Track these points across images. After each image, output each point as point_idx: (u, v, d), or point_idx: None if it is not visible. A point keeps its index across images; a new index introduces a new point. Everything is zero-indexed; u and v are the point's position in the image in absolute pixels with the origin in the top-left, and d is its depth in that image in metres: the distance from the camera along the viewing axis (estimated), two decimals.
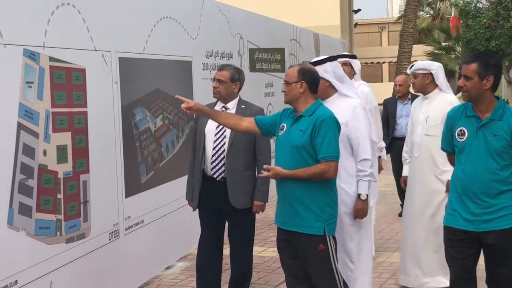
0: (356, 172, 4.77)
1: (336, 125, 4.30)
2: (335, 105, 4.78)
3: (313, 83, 4.39)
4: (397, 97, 8.54)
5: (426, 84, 5.79)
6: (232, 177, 5.08)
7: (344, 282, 4.41)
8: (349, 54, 7.09)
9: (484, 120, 4.05)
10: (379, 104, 6.00)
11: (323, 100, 4.74)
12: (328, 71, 4.87)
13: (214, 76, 5.33)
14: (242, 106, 5.26)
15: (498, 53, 19.54)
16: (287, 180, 4.27)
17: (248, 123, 4.63)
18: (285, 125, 4.41)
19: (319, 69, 4.75)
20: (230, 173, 5.08)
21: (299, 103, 4.38)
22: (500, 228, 4.00)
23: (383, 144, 6.99)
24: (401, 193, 8.37)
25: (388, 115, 8.49)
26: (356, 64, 6.92)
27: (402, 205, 8.41)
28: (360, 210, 4.74)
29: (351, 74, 6.81)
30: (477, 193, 4.04)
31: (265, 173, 4.32)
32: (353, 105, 4.82)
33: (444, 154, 4.81)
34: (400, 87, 8.44)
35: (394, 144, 8.33)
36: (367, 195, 4.74)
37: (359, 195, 4.74)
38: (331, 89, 4.91)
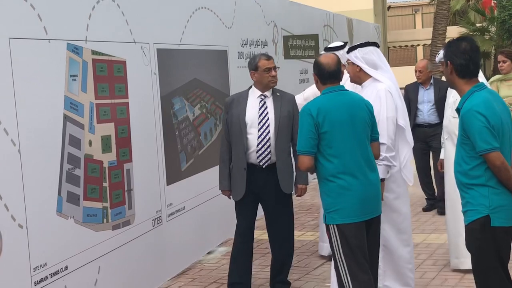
0: None
1: (304, 118, 4.21)
2: (367, 90, 4.93)
3: (320, 75, 4.39)
4: (419, 82, 8.14)
5: None
6: (280, 163, 5.25)
7: (348, 277, 4.21)
8: (336, 46, 6.39)
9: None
10: (400, 88, 5.66)
11: (360, 85, 4.88)
12: (358, 57, 4.95)
13: (268, 66, 5.29)
14: (277, 94, 5.39)
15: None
16: None
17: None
18: None
19: (351, 55, 4.97)
20: (279, 159, 5.24)
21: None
22: (465, 222, 3.85)
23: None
24: (424, 184, 8.22)
25: (410, 101, 8.06)
26: (342, 54, 6.01)
27: (427, 199, 8.27)
28: None
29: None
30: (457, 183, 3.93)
31: None
32: (378, 89, 4.88)
33: None
34: (420, 73, 7.99)
35: (416, 131, 7.77)
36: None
37: None
38: (364, 74, 4.97)
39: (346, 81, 5.23)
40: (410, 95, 8.16)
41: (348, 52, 5.03)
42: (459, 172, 3.81)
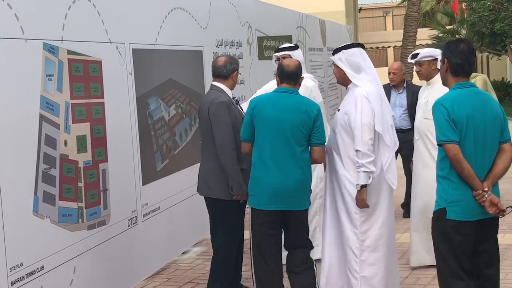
0: None
1: (248, 108, 4.91)
2: (348, 94, 5.01)
3: (279, 75, 4.95)
4: (391, 85, 7.97)
5: (432, 71, 5.95)
6: None
7: (253, 257, 4.86)
8: (289, 46, 6.38)
9: None
10: None
11: (346, 87, 5.03)
12: (342, 60, 4.98)
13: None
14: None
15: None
16: None
17: None
18: None
19: (335, 57, 5.00)
20: None
21: None
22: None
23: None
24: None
25: None
26: (297, 55, 6.16)
27: (403, 205, 8.19)
28: (357, 200, 4.84)
29: None
30: None
31: None
32: (355, 94, 4.90)
33: None
34: (394, 75, 7.87)
35: None
36: (366, 186, 4.79)
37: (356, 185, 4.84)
38: (347, 78, 5.00)
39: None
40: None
41: (333, 54, 5.06)
42: (436, 163, 4.11)
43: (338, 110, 5.04)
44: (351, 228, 4.96)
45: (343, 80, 5.05)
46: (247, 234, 5.97)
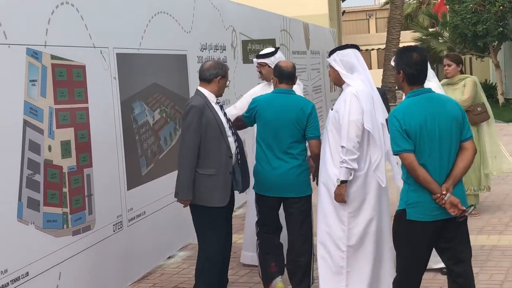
0: None
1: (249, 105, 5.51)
2: (342, 93, 5.11)
3: (278, 76, 5.45)
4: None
5: None
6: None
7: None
8: (266, 53, 6.34)
9: None
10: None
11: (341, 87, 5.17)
12: (336, 60, 5.09)
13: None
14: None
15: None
16: None
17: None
18: None
19: (330, 59, 5.16)
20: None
21: None
22: None
23: None
24: None
25: None
26: (274, 62, 6.06)
27: None
28: (335, 194, 4.93)
29: (272, 73, 5.87)
30: None
31: None
32: (345, 92, 5.02)
33: None
34: None
35: None
36: (346, 181, 4.90)
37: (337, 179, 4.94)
38: (342, 78, 5.11)
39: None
40: None
41: (328, 55, 5.19)
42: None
43: (332, 109, 5.12)
44: (339, 224, 5.04)
45: (338, 81, 5.16)
46: (235, 238, 5.99)
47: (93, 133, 5.45)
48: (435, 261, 5.81)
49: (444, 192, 4.02)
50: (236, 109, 6.28)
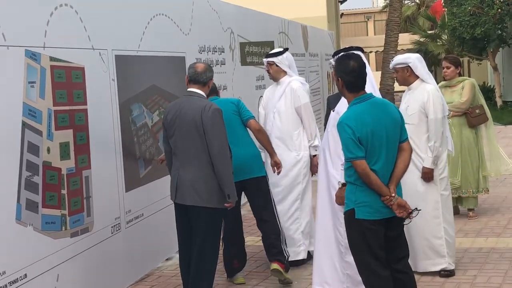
0: None
1: None
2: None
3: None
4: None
5: (407, 77, 5.99)
6: None
7: None
8: (274, 52, 6.57)
9: None
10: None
11: None
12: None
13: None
14: None
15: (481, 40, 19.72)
16: None
17: None
18: None
19: (335, 59, 5.08)
20: None
21: None
22: None
23: (317, 143, 6.38)
24: None
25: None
26: (282, 61, 6.43)
27: None
28: (336, 197, 4.92)
29: (279, 72, 6.45)
30: None
31: None
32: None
33: (423, 141, 5.76)
34: None
35: None
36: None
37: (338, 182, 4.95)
38: None
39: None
40: (332, 106, 7.70)
41: (333, 56, 5.22)
42: (344, 169, 4.45)
43: (333, 111, 5.13)
44: (337, 226, 5.07)
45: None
46: None
47: (91, 135, 5.45)
48: (433, 264, 5.82)
49: (393, 195, 4.20)
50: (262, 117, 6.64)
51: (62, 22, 5.13)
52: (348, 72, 4.33)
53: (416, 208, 4.36)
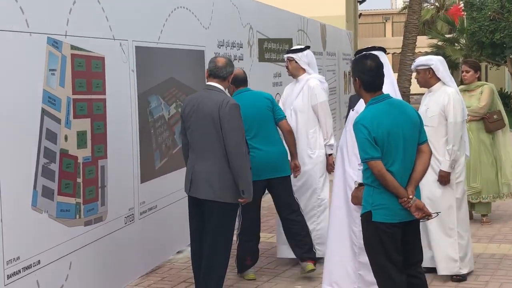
0: None
1: None
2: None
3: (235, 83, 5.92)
4: None
5: (429, 79, 5.96)
6: None
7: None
8: (295, 48, 6.60)
9: None
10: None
11: None
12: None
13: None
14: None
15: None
16: None
17: None
18: None
19: None
20: None
21: None
22: None
23: (332, 141, 6.39)
24: None
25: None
26: (301, 58, 6.42)
27: None
28: (352, 197, 4.88)
29: (298, 69, 6.43)
30: None
31: None
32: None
33: (441, 144, 5.69)
34: None
35: None
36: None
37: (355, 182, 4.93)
38: None
39: None
40: (352, 106, 7.82)
41: (355, 55, 5.15)
42: (362, 171, 4.40)
43: (352, 110, 5.12)
44: (351, 225, 5.07)
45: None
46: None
47: (109, 125, 5.47)
48: (446, 267, 5.80)
49: (410, 196, 4.16)
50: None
51: (84, 11, 5.14)
52: (365, 72, 4.31)
53: (437, 212, 4.34)
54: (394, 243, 4.23)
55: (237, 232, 5.95)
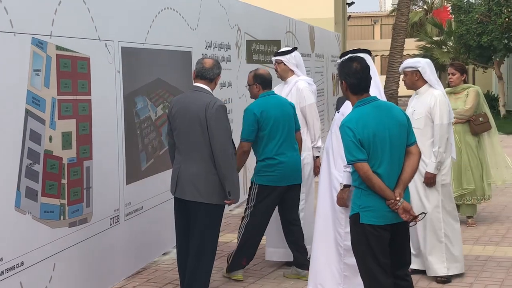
0: None
1: (246, 114, 5.83)
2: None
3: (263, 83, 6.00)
4: None
5: (415, 81, 5.99)
6: None
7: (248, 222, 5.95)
8: (283, 51, 6.58)
9: None
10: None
11: None
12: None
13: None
14: None
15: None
16: None
17: None
18: None
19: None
20: None
21: None
22: None
23: (319, 144, 6.41)
24: None
25: None
26: (290, 60, 6.41)
27: None
28: (337, 198, 4.92)
29: (287, 71, 6.43)
30: None
31: None
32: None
33: (427, 146, 5.68)
34: None
35: None
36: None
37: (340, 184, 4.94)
38: None
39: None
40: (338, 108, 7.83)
41: (340, 57, 5.16)
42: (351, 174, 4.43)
43: (338, 112, 5.12)
44: (337, 227, 5.07)
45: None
46: (230, 237, 6.00)
47: (94, 126, 5.45)
48: (431, 268, 5.81)
49: (398, 198, 4.16)
50: None
51: (69, 12, 5.12)
52: (351, 74, 4.31)
53: (423, 212, 4.36)
54: (381, 246, 4.23)
55: (241, 232, 5.96)
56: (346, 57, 4.58)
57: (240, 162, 5.69)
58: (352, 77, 4.31)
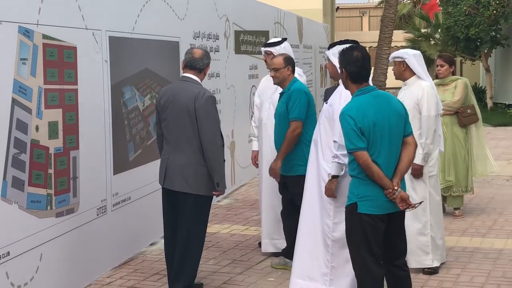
0: None
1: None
2: (338, 88, 5.08)
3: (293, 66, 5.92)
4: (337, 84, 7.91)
5: (402, 72, 6.00)
6: None
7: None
8: (272, 42, 6.50)
9: None
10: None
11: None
12: (335, 55, 4.99)
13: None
14: None
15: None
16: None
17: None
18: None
19: (329, 52, 5.16)
20: None
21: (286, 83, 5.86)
22: None
23: None
24: None
25: None
26: (279, 51, 6.30)
27: None
28: (326, 189, 4.91)
29: None
30: None
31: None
32: (341, 87, 4.97)
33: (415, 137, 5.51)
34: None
35: None
36: (334, 176, 4.86)
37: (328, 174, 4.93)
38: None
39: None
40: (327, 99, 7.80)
41: (328, 49, 5.19)
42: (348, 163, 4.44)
43: (326, 103, 5.11)
44: (325, 218, 5.04)
45: (335, 75, 5.15)
46: (218, 228, 5.98)
47: (81, 116, 5.41)
48: (418, 260, 5.83)
49: (396, 188, 4.19)
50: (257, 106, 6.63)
51: (56, 0, 5.07)
52: (351, 63, 4.32)
53: (420, 202, 4.39)
54: (377, 236, 4.25)
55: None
56: (347, 45, 4.55)
57: None
58: (353, 65, 4.32)
